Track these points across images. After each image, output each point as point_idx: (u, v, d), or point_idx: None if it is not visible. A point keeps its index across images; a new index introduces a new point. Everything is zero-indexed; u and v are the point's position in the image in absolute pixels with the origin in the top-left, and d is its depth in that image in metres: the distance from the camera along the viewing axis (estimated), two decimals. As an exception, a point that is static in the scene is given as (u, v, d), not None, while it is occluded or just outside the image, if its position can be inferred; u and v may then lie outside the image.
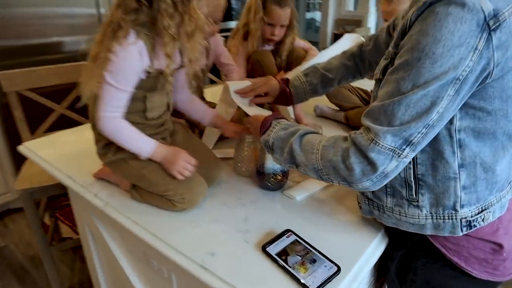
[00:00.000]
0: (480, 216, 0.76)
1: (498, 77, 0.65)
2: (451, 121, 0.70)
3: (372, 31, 5.38)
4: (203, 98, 1.44)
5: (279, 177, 1.01)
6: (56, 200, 2.30)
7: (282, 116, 0.94)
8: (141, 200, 0.98)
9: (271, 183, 1.02)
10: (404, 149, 0.67)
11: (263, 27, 1.43)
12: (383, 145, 0.67)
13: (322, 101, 1.61)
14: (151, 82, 0.92)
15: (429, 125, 0.65)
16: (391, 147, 0.67)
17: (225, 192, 1.03)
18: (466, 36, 0.60)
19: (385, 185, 0.80)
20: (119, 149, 0.94)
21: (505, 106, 0.69)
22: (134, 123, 0.93)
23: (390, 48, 0.74)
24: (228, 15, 3.65)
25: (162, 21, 0.83)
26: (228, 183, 1.08)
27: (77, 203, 1.23)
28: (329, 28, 5.62)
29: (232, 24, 3.67)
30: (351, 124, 1.45)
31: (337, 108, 1.55)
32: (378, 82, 0.78)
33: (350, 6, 6.06)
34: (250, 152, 1.08)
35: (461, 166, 0.73)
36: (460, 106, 0.67)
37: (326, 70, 1.12)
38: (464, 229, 0.76)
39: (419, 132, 0.66)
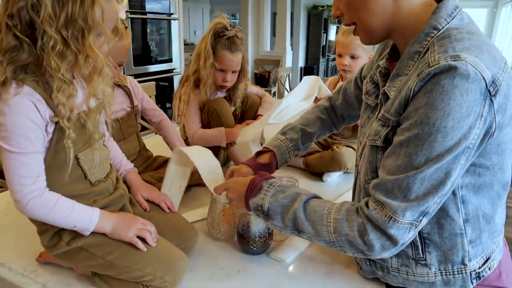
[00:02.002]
0: (487, 266, 0.77)
1: (495, 136, 0.67)
2: None
3: (292, 70, 5.67)
4: (145, 148, 1.32)
5: (264, 239, 0.93)
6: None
7: (270, 175, 0.88)
8: (107, 288, 0.82)
9: (256, 246, 0.92)
10: (421, 220, 0.68)
11: (214, 74, 1.36)
12: (402, 222, 0.67)
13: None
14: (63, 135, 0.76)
15: (444, 194, 0.67)
16: (410, 221, 0.67)
17: (206, 263, 0.91)
18: (472, 106, 0.62)
19: None
20: (75, 235, 0.78)
21: (501, 159, 0.71)
22: (79, 195, 0.79)
23: (387, 115, 0.73)
24: (148, 59, 3.55)
25: (49, 61, 0.68)
26: (206, 251, 0.96)
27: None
28: (250, 68, 5.80)
29: (152, 68, 3.58)
30: (311, 170, 1.42)
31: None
32: (374, 148, 0.77)
33: (267, 46, 6.36)
34: (227, 215, 0.98)
35: (465, 221, 0.73)
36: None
37: (304, 125, 1.09)
38: (474, 281, 0.76)
39: (434, 203, 0.67)
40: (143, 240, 0.80)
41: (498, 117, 0.64)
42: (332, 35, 8.07)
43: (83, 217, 0.77)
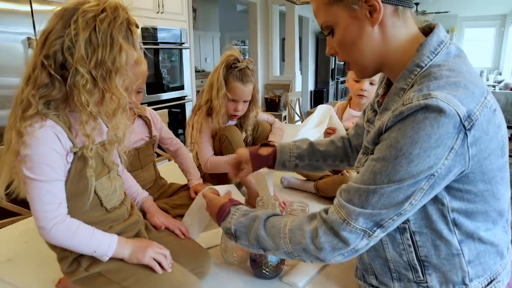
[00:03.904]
0: (491, 287, 0.77)
1: (475, 166, 0.69)
2: (442, 203, 0.72)
3: (301, 94, 5.74)
4: (160, 176, 1.36)
5: (277, 264, 0.95)
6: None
7: (239, 202, 0.91)
8: (124, 312, 0.84)
9: (268, 271, 0.94)
10: (375, 231, 0.70)
11: (226, 103, 1.42)
12: (354, 226, 0.70)
13: (288, 173, 1.60)
14: (83, 164, 0.81)
15: (400, 213, 0.69)
16: (363, 228, 0.70)
17: (219, 287, 0.93)
18: (443, 138, 0.64)
19: (389, 270, 0.80)
20: (94, 261, 0.82)
21: (490, 187, 0.72)
22: (96, 221, 0.83)
23: (367, 144, 0.77)
24: (160, 87, 3.64)
25: (80, 97, 0.74)
26: (219, 275, 0.98)
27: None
28: (260, 93, 5.90)
29: (164, 96, 3.66)
30: (322, 194, 1.44)
31: (304, 178, 1.55)
32: None
33: (276, 71, 6.46)
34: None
35: (461, 242, 0.74)
36: (434, 195, 0.70)
37: (315, 142, 1.11)
38: None
39: (390, 218, 0.69)
40: (158, 264, 0.83)
41: (472, 150, 0.66)
42: (340, 59, 8.17)
43: (103, 242, 0.80)
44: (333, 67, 7.92)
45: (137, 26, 0.81)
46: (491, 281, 0.77)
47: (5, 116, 2.10)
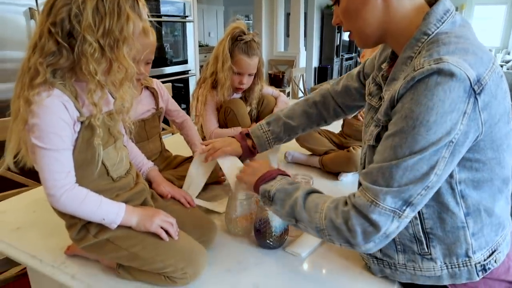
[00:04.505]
0: (492, 258, 0.79)
1: (487, 133, 0.70)
2: (451, 175, 0.73)
3: (306, 71, 5.68)
4: (165, 149, 1.37)
5: (280, 234, 0.96)
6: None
7: (288, 174, 0.93)
8: (132, 280, 0.86)
9: (272, 241, 0.96)
10: (405, 210, 0.69)
11: (231, 76, 1.41)
12: (383, 206, 0.69)
13: (292, 147, 1.61)
14: (90, 133, 0.81)
15: (428, 186, 0.68)
16: (392, 208, 0.69)
17: (224, 257, 0.95)
18: (456, 102, 0.64)
19: (394, 243, 0.81)
20: (102, 229, 0.83)
21: (497, 154, 0.74)
22: (103, 190, 0.84)
23: (379, 116, 0.77)
24: (163, 61, 3.61)
25: (88, 66, 0.74)
26: (224, 245, 1.00)
27: None
28: (264, 69, 5.83)
29: (167, 70, 3.63)
30: (327, 170, 1.45)
31: (309, 153, 1.56)
32: (371, 148, 0.80)
33: (281, 47, 6.38)
34: (245, 211, 1.02)
35: (467, 214, 0.75)
36: (456, 164, 0.71)
37: (288, 118, 1.13)
38: (480, 273, 0.78)
39: (418, 194, 0.68)
40: (165, 232, 0.85)
41: (483, 115, 0.67)
42: (345, 35, 8.04)
43: (111, 210, 0.82)
44: (338, 43, 7.79)
45: None
46: (492, 253, 0.79)
47: (9, 89, 2.11)
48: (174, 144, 1.49)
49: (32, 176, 1.51)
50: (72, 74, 0.78)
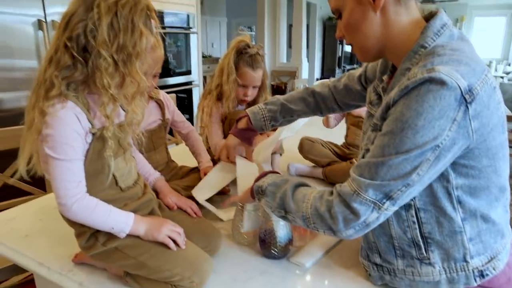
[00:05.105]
0: (491, 265, 0.80)
1: (480, 141, 0.72)
2: (448, 180, 0.76)
3: (308, 82, 5.72)
4: (171, 159, 1.40)
5: (285, 244, 0.98)
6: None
7: (278, 172, 0.99)
8: None
9: (277, 251, 0.97)
10: (385, 203, 0.73)
11: (236, 89, 1.43)
12: (364, 197, 0.73)
13: (295, 158, 1.63)
14: (101, 144, 0.84)
15: (408, 184, 0.71)
16: (373, 200, 0.73)
17: (230, 266, 0.96)
18: (446, 110, 0.67)
19: (393, 247, 0.83)
20: (110, 237, 0.85)
21: (493, 162, 0.76)
22: (112, 200, 0.86)
23: (375, 120, 0.81)
24: (167, 71, 3.64)
25: (101, 80, 0.77)
26: (229, 254, 1.02)
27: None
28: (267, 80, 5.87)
29: (171, 80, 3.67)
30: (330, 181, 1.47)
31: (312, 165, 1.57)
32: (368, 152, 0.82)
33: (283, 58, 6.43)
34: (253, 222, 1.04)
35: (463, 219, 0.78)
36: (442, 170, 0.73)
37: (286, 101, 1.16)
38: (478, 279, 0.79)
39: (398, 190, 0.72)
40: (173, 241, 0.87)
41: (474, 123, 0.69)
42: (347, 47, 8.12)
43: (120, 219, 0.84)
44: (340, 55, 7.87)
45: (155, 12, 0.83)
46: (491, 259, 0.80)
47: (17, 98, 2.15)
48: (179, 154, 1.51)
49: (37, 184, 1.54)
50: (85, 87, 0.81)
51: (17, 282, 1.59)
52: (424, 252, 0.80)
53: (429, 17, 0.80)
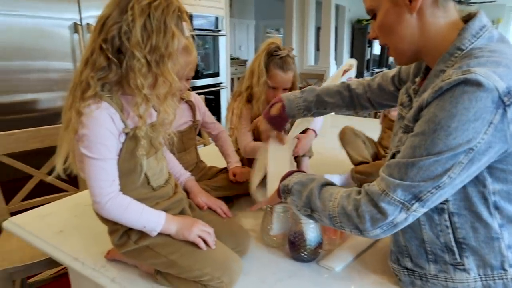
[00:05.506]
0: None
1: None
2: (484, 185, 0.73)
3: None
4: (200, 160, 1.41)
5: (315, 247, 0.97)
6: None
7: (303, 171, 0.98)
8: (169, 286, 0.89)
9: (306, 254, 0.96)
10: (413, 204, 0.71)
11: (266, 91, 1.43)
12: (393, 197, 0.72)
13: (323, 162, 1.61)
14: (134, 144, 0.85)
15: (439, 186, 0.69)
16: (401, 200, 0.71)
17: (259, 268, 0.96)
18: (481, 112, 0.64)
19: (425, 252, 0.81)
20: (142, 235, 0.86)
21: None
22: (144, 198, 0.88)
23: (406, 122, 0.79)
24: (195, 73, 3.67)
25: (135, 80, 0.78)
26: (258, 255, 1.01)
27: (83, 289, 1.09)
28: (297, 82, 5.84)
29: (199, 82, 3.71)
30: (355, 181, 1.45)
31: (346, 175, 1.54)
32: (398, 154, 0.80)
33: (311, 61, 6.40)
34: (281, 224, 1.03)
35: (501, 226, 0.74)
36: (476, 173, 0.70)
37: (322, 92, 1.15)
38: None
39: (428, 191, 0.70)
40: (203, 241, 0.87)
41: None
42: (376, 49, 7.99)
43: (152, 218, 0.85)
44: (368, 57, 7.75)
45: (187, 14, 0.84)
46: None
47: (53, 98, 2.22)
48: (208, 155, 1.52)
49: (71, 182, 1.59)
50: (119, 88, 0.83)
51: (52, 275, 1.64)
52: (458, 258, 0.78)
53: (467, 19, 0.77)
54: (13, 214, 1.32)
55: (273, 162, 1.13)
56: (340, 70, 1.30)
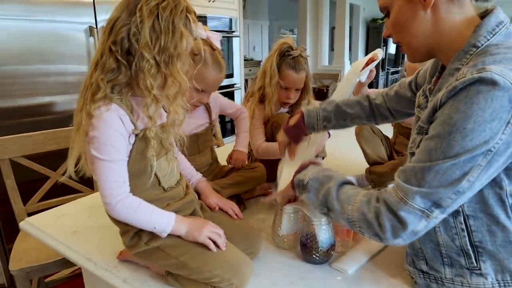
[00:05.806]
0: None
1: None
2: (501, 187, 0.70)
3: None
4: (216, 160, 1.40)
5: (327, 249, 0.95)
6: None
7: (320, 163, 0.96)
8: (179, 287, 0.89)
9: (318, 256, 0.95)
10: (434, 211, 0.69)
11: (279, 91, 1.42)
12: (412, 205, 0.69)
13: (336, 163, 1.59)
14: (144, 145, 0.85)
15: (459, 191, 0.67)
16: (421, 208, 0.69)
17: (270, 270, 0.95)
18: (498, 112, 0.62)
19: (441, 255, 0.79)
20: (153, 237, 0.87)
21: None
22: (155, 199, 0.88)
23: (421, 124, 0.77)
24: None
25: (145, 81, 0.78)
26: (269, 257, 1.01)
27: (96, 289, 1.11)
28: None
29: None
30: (367, 179, 1.44)
31: (361, 176, 1.51)
32: (413, 155, 0.78)
33: (325, 61, 6.36)
34: (292, 226, 1.02)
35: None
36: (494, 175, 0.68)
37: (342, 103, 1.13)
38: None
39: (448, 197, 0.67)
40: (213, 243, 0.87)
41: None
42: (391, 49, 7.88)
43: (162, 219, 0.85)
44: (383, 57, 7.66)
45: (195, 14, 0.84)
46: None
47: (69, 101, 2.26)
48: (221, 156, 1.52)
49: (85, 183, 1.61)
50: (128, 89, 0.83)
51: (67, 275, 1.67)
52: (475, 262, 0.75)
53: (484, 15, 0.75)
54: (30, 214, 1.34)
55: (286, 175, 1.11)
56: (365, 58, 1.27)
